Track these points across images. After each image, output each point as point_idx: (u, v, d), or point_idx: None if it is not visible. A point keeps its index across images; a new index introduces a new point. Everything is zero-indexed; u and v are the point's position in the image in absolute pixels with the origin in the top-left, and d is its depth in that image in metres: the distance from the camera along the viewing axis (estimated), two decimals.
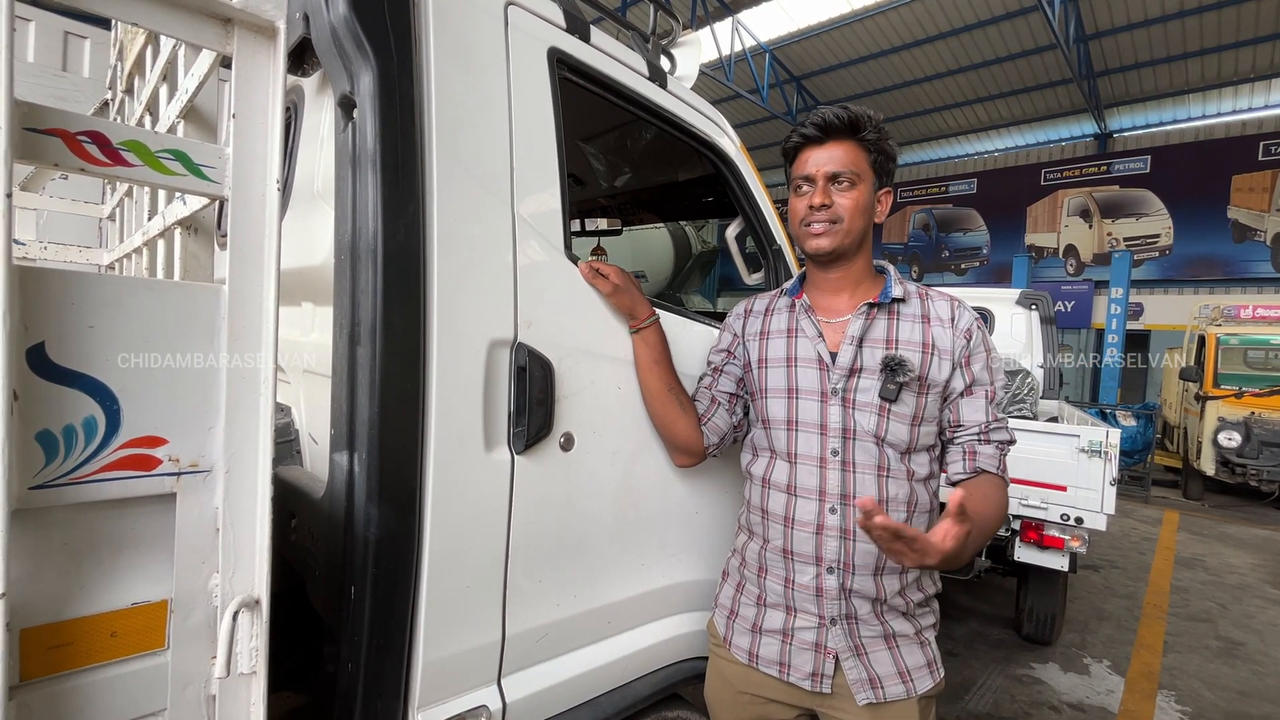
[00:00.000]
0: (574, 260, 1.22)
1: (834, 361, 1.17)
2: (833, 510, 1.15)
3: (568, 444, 1.19)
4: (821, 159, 1.17)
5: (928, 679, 1.17)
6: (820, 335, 1.20)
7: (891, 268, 1.25)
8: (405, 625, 0.98)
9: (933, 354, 1.16)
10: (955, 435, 1.18)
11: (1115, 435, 3.10)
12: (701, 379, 1.38)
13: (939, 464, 1.22)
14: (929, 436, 1.18)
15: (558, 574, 1.19)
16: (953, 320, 1.18)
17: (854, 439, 1.15)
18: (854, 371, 1.16)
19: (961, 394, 1.17)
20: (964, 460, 1.17)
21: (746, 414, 1.35)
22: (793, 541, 1.18)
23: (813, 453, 1.17)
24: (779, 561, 1.21)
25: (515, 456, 1.10)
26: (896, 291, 1.19)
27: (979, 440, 1.16)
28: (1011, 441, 1.18)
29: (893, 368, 1.13)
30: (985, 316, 4.84)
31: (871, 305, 1.18)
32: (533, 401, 1.11)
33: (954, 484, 1.17)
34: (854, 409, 1.15)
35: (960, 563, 0.97)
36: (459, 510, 1.03)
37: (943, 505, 1.16)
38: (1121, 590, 4.59)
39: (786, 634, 1.19)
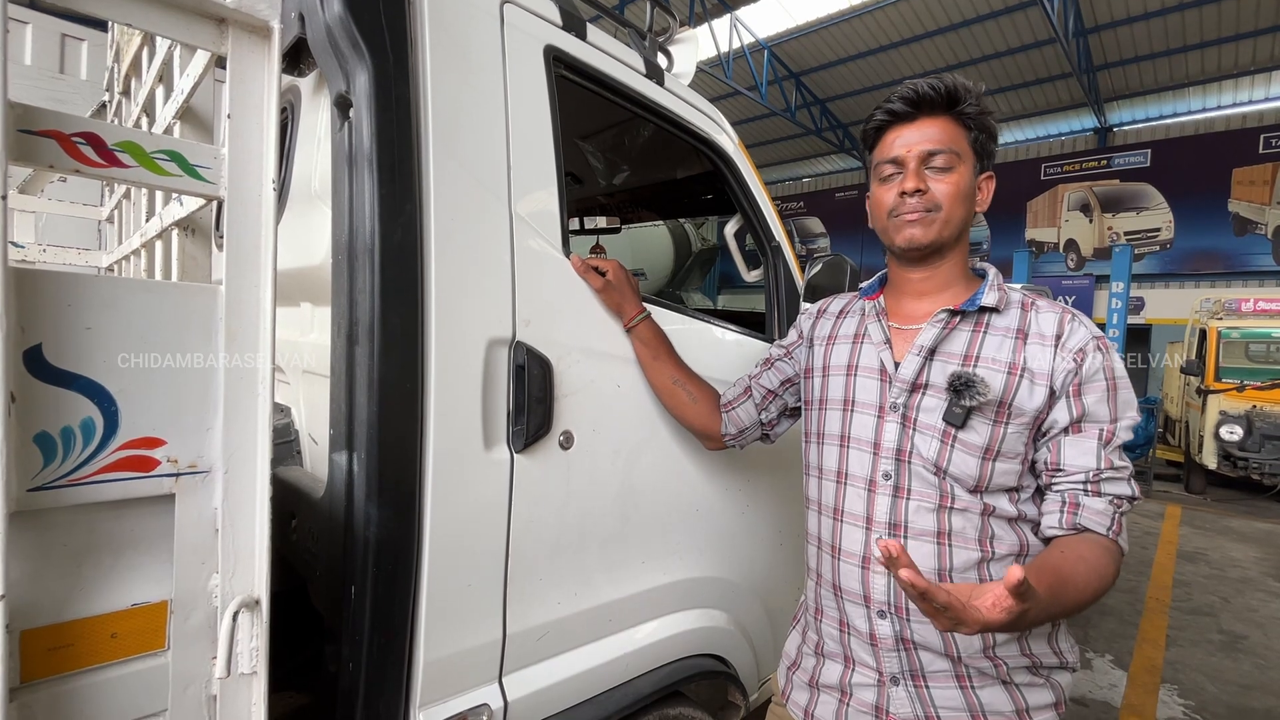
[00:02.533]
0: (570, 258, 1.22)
1: (896, 372, 1.00)
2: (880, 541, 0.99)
3: (567, 442, 1.19)
4: (913, 138, 0.98)
5: None
6: (887, 342, 1.03)
7: (992, 271, 1.03)
8: (406, 624, 0.98)
9: (1021, 376, 0.93)
10: (1054, 481, 0.93)
11: None
12: (755, 367, 1.31)
13: (1032, 508, 0.98)
14: (1009, 476, 0.94)
15: (558, 572, 1.19)
16: (1059, 337, 0.93)
17: (909, 463, 0.97)
18: (918, 387, 0.98)
19: (1065, 430, 0.92)
20: (1061, 513, 0.92)
21: (783, 415, 1.27)
22: (841, 575, 1.02)
23: (863, 473, 1.01)
24: (831, 600, 1.05)
25: (514, 455, 1.10)
26: (989, 299, 0.97)
27: (1084, 491, 0.91)
28: (1134, 498, 0.92)
29: (959, 388, 0.92)
30: None
31: (953, 313, 0.98)
32: (531, 400, 1.11)
33: (1046, 540, 0.95)
34: (914, 429, 0.97)
35: (1020, 629, 0.79)
36: (459, 509, 1.03)
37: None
38: (1123, 585, 4.59)
39: (845, 691, 1.02)
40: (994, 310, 0.98)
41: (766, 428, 1.28)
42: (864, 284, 1.17)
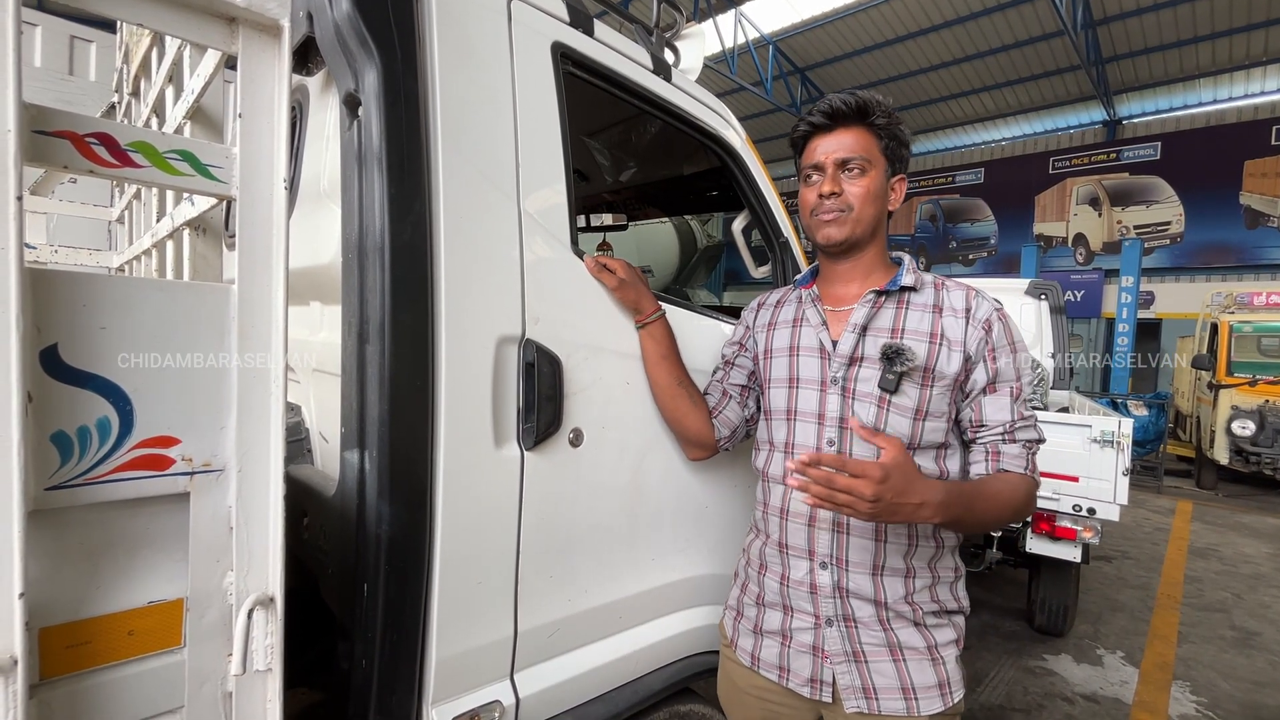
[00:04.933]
0: (580, 255, 1.22)
1: (835, 349, 1.14)
2: None
3: (577, 440, 1.19)
4: (830, 146, 1.14)
5: (937, 701, 1.07)
6: (824, 323, 1.17)
7: (907, 258, 1.19)
8: (418, 621, 0.98)
9: (941, 344, 1.09)
10: (978, 435, 1.11)
11: (1127, 425, 3.08)
12: (714, 372, 1.37)
13: (955, 464, 1.14)
14: (936, 433, 1.10)
15: (568, 569, 1.20)
16: (968, 310, 1.11)
17: (851, 430, 1.10)
18: (855, 360, 1.12)
19: (984, 390, 1.09)
20: (986, 461, 1.10)
21: (759, 407, 1.33)
22: (787, 534, 1.16)
23: (809, 443, 1.14)
24: (776, 557, 1.18)
25: (525, 453, 1.10)
26: (907, 280, 1.14)
27: (1003, 440, 1.09)
28: (1040, 440, 1.11)
29: (890, 356, 1.07)
30: None
31: (879, 293, 1.14)
32: (541, 397, 1.11)
33: None
34: (853, 399, 1.11)
35: (946, 516, 0.94)
36: (470, 507, 1.03)
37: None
38: (1135, 581, 4.56)
39: (785, 635, 1.16)
40: (912, 289, 1.15)
41: (750, 424, 1.34)
42: (799, 276, 1.30)
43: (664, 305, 1.33)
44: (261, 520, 0.80)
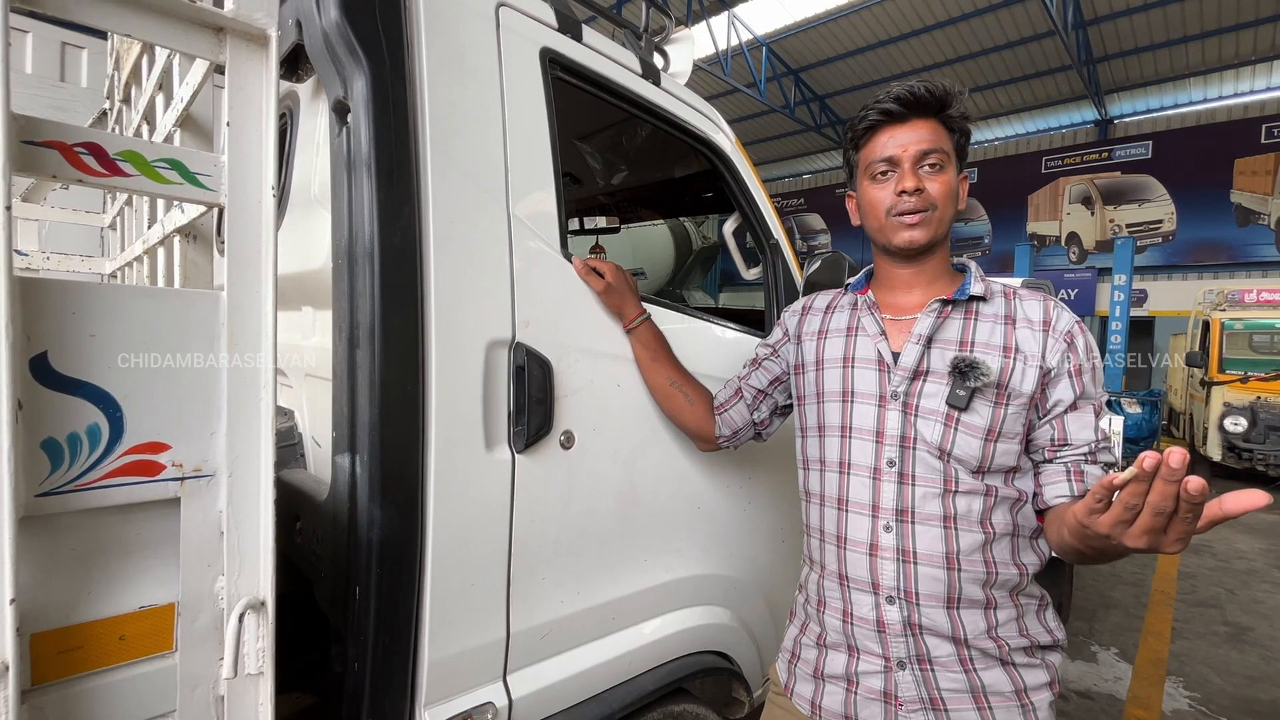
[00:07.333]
0: (569, 259, 1.23)
1: (896, 362, 1.03)
2: (887, 528, 1.00)
3: (568, 442, 1.20)
4: (907, 138, 1.01)
5: None
6: (883, 333, 1.06)
7: (973, 265, 1.08)
8: (410, 624, 0.99)
9: (1015, 359, 0.97)
10: (1059, 454, 0.98)
11: (1117, 423, 3.10)
12: (743, 368, 1.32)
13: (1027, 484, 1.01)
14: (1009, 456, 0.97)
15: (560, 571, 1.20)
16: (1046, 323, 0.99)
17: (913, 449, 0.99)
18: (919, 374, 1.01)
19: (1069, 409, 0.97)
20: (1069, 481, 0.96)
21: (774, 414, 1.29)
22: (847, 565, 1.04)
23: (866, 462, 1.03)
24: (836, 590, 1.06)
25: (516, 455, 1.11)
26: (976, 288, 1.02)
27: (1086, 460, 0.96)
28: (1115, 464, 0.98)
29: (963, 370, 0.96)
30: None
31: (945, 302, 1.03)
32: (532, 400, 1.11)
33: (1048, 508, 0.97)
34: (916, 416, 1.00)
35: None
36: (461, 510, 1.04)
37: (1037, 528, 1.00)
38: (1129, 577, 4.58)
39: (851, 680, 1.03)
40: (981, 299, 1.03)
41: (759, 427, 1.30)
42: (850, 280, 1.19)
43: (652, 308, 1.34)
44: (252, 525, 0.80)
